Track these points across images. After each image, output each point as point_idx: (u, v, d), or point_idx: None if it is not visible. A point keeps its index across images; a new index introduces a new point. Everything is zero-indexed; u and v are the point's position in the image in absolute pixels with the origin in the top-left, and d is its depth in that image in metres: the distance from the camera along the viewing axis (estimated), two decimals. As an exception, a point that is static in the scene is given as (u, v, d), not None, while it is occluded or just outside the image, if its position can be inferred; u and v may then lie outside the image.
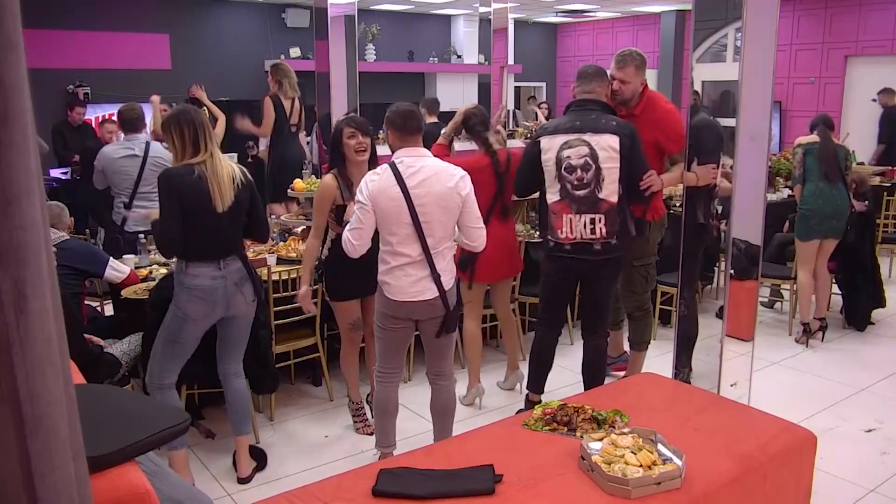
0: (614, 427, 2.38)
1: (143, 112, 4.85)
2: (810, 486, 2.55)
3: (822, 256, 5.05)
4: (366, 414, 3.79)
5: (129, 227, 4.62)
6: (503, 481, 2.09)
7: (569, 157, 3.36)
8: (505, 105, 7.79)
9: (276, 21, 10.60)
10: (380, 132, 9.15)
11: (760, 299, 5.08)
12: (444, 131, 3.93)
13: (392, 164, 2.89)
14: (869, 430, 3.79)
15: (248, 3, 10.43)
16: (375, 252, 2.99)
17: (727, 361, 3.40)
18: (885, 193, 6.92)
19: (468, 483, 2.08)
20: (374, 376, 3.24)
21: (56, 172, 7.51)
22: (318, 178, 5.00)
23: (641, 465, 2.06)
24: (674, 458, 2.14)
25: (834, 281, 5.43)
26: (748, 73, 3.14)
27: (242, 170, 3.08)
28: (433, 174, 2.88)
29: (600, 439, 2.24)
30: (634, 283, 3.97)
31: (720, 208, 4.24)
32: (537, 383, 3.75)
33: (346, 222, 3.15)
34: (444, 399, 3.20)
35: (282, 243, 4.42)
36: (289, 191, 5.03)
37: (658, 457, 2.12)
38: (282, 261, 4.13)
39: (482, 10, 7.84)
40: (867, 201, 5.36)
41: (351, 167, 3.41)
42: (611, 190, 3.35)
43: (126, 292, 3.65)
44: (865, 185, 5.52)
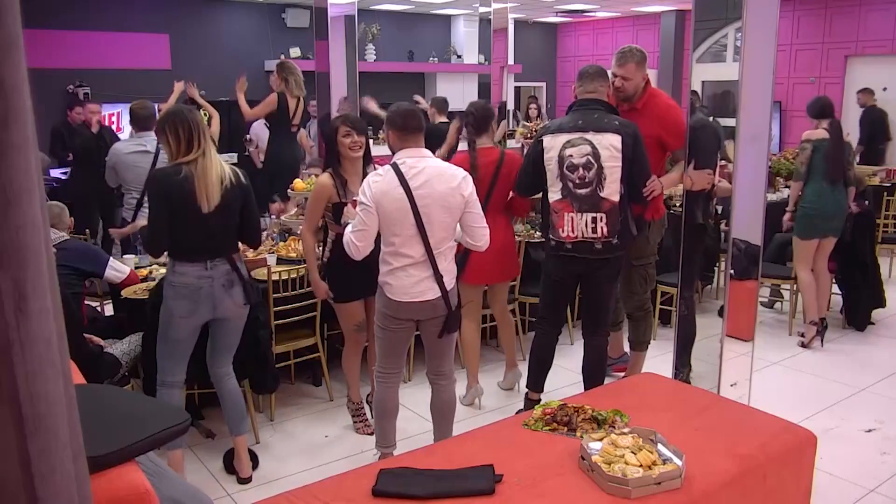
0: (614, 427, 2.38)
1: (155, 110, 4.86)
2: (810, 486, 2.55)
3: (821, 255, 5.05)
4: (366, 414, 3.79)
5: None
6: (503, 481, 2.09)
7: (571, 155, 3.36)
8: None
9: (276, 21, 10.59)
10: (379, 132, 9.15)
11: (760, 299, 5.08)
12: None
13: (394, 165, 2.89)
14: (869, 430, 3.79)
15: (248, 3, 10.43)
16: (377, 252, 2.99)
17: (727, 361, 3.40)
18: (885, 193, 6.92)
19: (468, 483, 2.08)
20: (373, 377, 3.24)
21: (56, 172, 7.50)
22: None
23: (641, 465, 2.06)
24: (674, 458, 2.14)
25: (834, 281, 5.43)
26: (748, 73, 3.14)
27: (236, 171, 3.04)
28: (436, 175, 2.88)
29: (600, 439, 2.24)
30: (634, 282, 3.97)
31: (720, 208, 4.25)
32: (537, 382, 3.76)
33: (345, 222, 3.15)
34: (445, 399, 3.20)
35: (282, 243, 4.42)
36: (289, 191, 5.03)
37: (658, 457, 2.12)
38: (282, 261, 4.13)
39: (482, 10, 7.83)
40: (867, 201, 5.36)
41: (346, 164, 3.42)
42: (612, 189, 3.35)
43: (126, 292, 3.65)
44: (863, 184, 5.53)
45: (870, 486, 3.22)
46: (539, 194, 3.63)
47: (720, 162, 4.01)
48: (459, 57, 12.49)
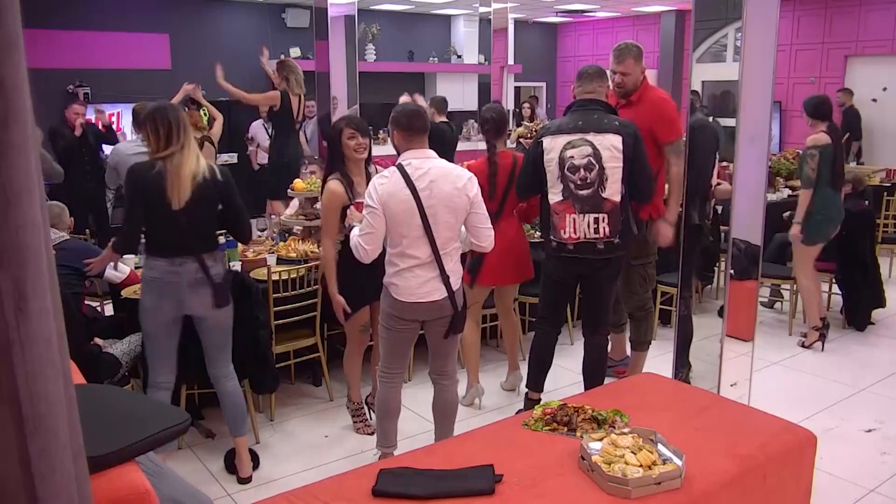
0: (614, 427, 2.38)
1: None
2: (810, 486, 2.55)
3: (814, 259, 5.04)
4: (365, 414, 3.79)
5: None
6: (503, 481, 2.09)
7: (572, 157, 3.36)
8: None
9: (276, 21, 10.59)
10: (380, 132, 9.13)
11: (760, 299, 5.07)
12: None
13: (400, 167, 2.89)
14: (869, 430, 3.79)
15: (248, 3, 10.43)
16: (383, 256, 2.98)
17: (727, 361, 3.40)
18: (885, 193, 6.92)
19: (468, 483, 2.08)
20: (376, 377, 3.24)
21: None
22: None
23: (641, 465, 2.06)
24: (674, 458, 2.14)
25: (834, 281, 5.44)
26: (748, 73, 3.14)
27: (213, 168, 2.99)
28: (441, 175, 2.88)
29: (600, 439, 2.24)
30: (633, 282, 3.97)
31: (719, 209, 4.25)
32: (537, 381, 3.76)
33: (350, 226, 3.13)
34: (447, 398, 3.20)
35: (282, 243, 4.42)
36: (289, 191, 5.03)
37: (658, 457, 2.12)
38: (282, 261, 4.13)
39: (482, 10, 7.84)
40: (867, 201, 5.35)
41: (350, 166, 3.42)
42: (614, 189, 3.36)
43: (126, 292, 3.65)
44: (863, 184, 5.52)
45: (870, 486, 3.22)
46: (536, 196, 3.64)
47: (721, 163, 4.02)
48: (459, 57, 12.48)
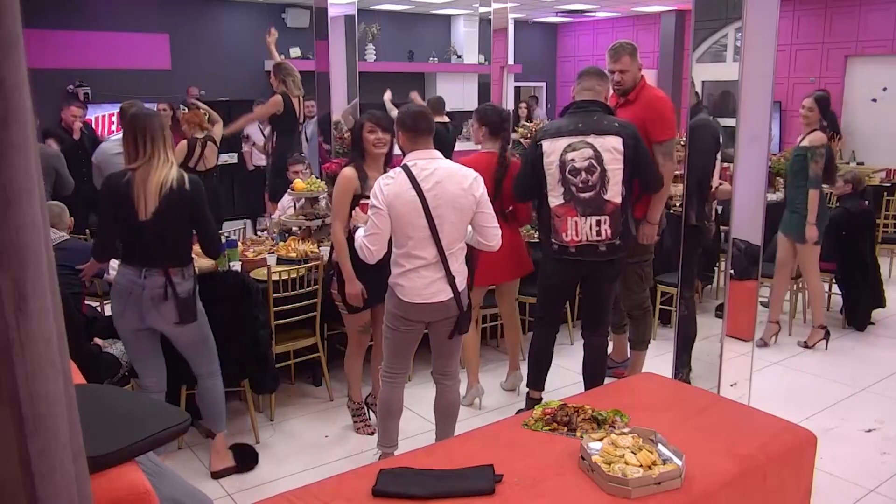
0: (614, 427, 2.38)
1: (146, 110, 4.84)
2: (810, 486, 2.55)
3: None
4: (366, 414, 3.79)
5: None
6: (503, 481, 2.09)
7: (573, 159, 3.36)
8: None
9: (276, 21, 10.58)
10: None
11: (760, 299, 5.07)
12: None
13: (405, 167, 2.88)
14: (869, 430, 3.79)
15: (248, 3, 10.43)
16: (387, 259, 2.98)
17: (727, 361, 3.40)
18: (885, 193, 6.92)
19: (468, 483, 2.08)
20: (379, 376, 3.24)
21: None
22: (318, 177, 5.00)
23: (641, 465, 2.06)
24: (674, 458, 2.14)
25: (834, 281, 5.44)
26: (748, 73, 3.14)
27: (183, 177, 2.92)
28: (447, 176, 2.87)
29: (600, 439, 2.24)
30: (630, 281, 3.97)
31: (720, 209, 4.25)
32: (537, 381, 3.76)
33: (354, 226, 3.12)
34: (449, 398, 3.20)
35: (282, 243, 4.42)
36: (288, 191, 5.02)
37: (658, 457, 2.12)
38: (282, 261, 4.13)
39: (482, 10, 7.83)
40: (867, 201, 5.35)
41: (369, 160, 3.39)
42: (615, 191, 3.36)
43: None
44: (863, 184, 5.52)
45: (870, 486, 3.23)
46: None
47: (722, 164, 4.02)
48: (459, 57, 12.48)
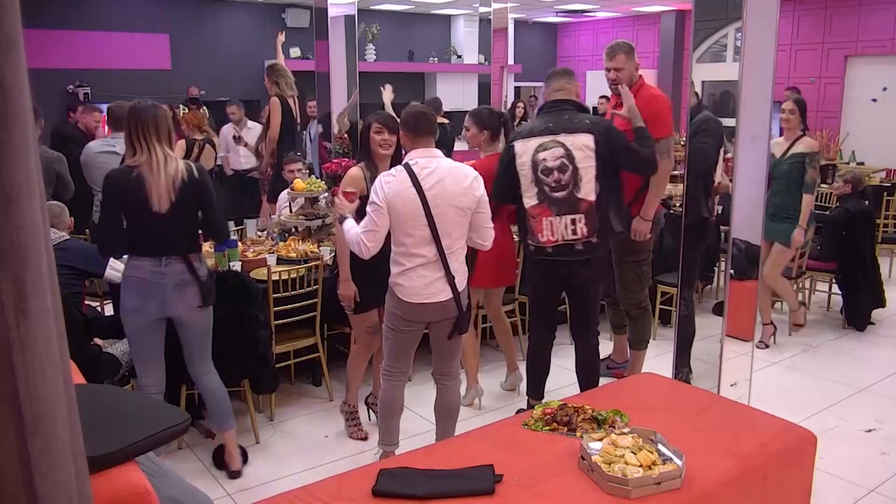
0: (614, 427, 2.38)
1: None
2: (810, 486, 2.55)
3: None
4: (359, 418, 3.77)
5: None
6: (503, 481, 2.09)
7: (544, 159, 3.35)
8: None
9: (276, 21, 10.60)
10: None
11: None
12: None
13: (406, 166, 2.88)
14: (869, 430, 3.79)
15: (248, 3, 10.44)
16: (389, 258, 2.98)
17: (727, 361, 3.40)
18: (885, 193, 6.92)
19: (468, 483, 2.08)
20: (380, 375, 3.23)
21: None
22: (318, 177, 5.00)
23: (641, 465, 2.06)
24: (674, 458, 2.13)
25: (834, 281, 5.44)
26: (748, 73, 3.14)
27: (191, 168, 2.98)
28: (447, 175, 2.87)
29: (600, 439, 2.24)
30: (627, 280, 3.96)
31: (720, 208, 4.25)
32: (536, 389, 3.72)
33: (341, 215, 3.08)
34: (450, 399, 3.20)
35: (282, 243, 4.42)
36: (288, 190, 5.02)
37: (658, 457, 2.12)
38: (282, 261, 4.13)
39: (482, 10, 7.84)
40: (867, 201, 5.35)
41: (375, 160, 3.39)
42: (588, 189, 3.34)
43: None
44: (863, 184, 5.52)
45: (870, 486, 3.23)
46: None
47: (727, 156, 4.01)
48: (459, 57, 12.50)
